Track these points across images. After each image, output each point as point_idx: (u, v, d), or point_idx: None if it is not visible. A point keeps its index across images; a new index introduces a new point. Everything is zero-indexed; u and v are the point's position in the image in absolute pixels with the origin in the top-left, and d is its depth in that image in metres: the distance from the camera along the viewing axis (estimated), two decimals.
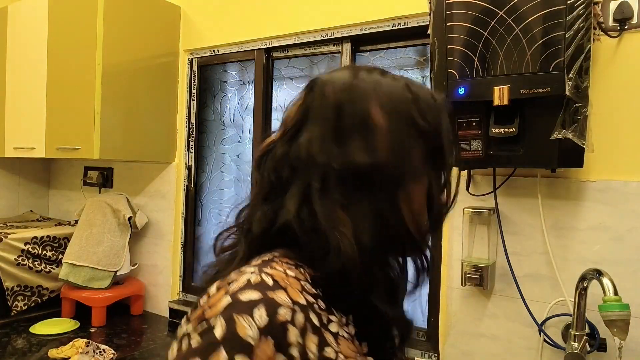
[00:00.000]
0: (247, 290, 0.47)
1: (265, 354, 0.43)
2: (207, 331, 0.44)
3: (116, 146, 1.98)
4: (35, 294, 2.08)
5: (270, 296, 0.47)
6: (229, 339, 0.44)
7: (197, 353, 0.44)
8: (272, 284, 0.48)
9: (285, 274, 0.51)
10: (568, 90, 1.08)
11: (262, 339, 0.44)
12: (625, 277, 1.19)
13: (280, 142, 0.59)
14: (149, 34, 2.08)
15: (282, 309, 0.46)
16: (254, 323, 0.44)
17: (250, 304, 0.45)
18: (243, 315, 0.44)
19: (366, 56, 1.75)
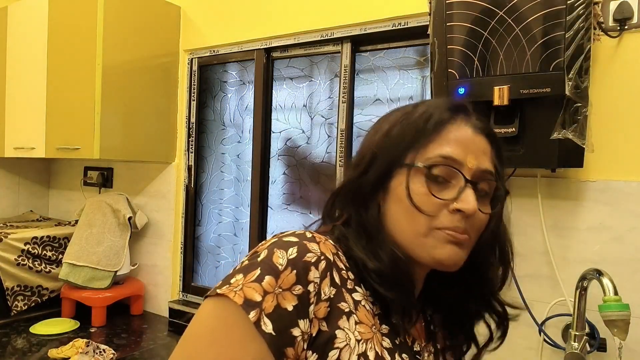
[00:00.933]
0: (290, 236, 0.60)
1: (287, 280, 0.55)
2: (253, 257, 0.58)
3: (116, 146, 1.98)
4: (35, 294, 2.08)
5: (304, 242, 0.59)
6: (265, 262, 0.56)
7: (242, 270, 0.57)
8: (310, 237, 0.60)
9: (324, 239, 0.62)
10: (568, 90, 1.08)
11: (287, 268, 0.55)
12: (625, 277, 1.19)
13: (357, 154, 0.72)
14: (149, 34, 2.08)
15: (310, 254, 0.58)
16: (286, 255, 0.56)
17: (288, 243, 0.58)
18: (280, 249, 0.57)
19: (366, 56, 1.75)
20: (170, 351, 0.56)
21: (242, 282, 0.55)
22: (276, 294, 0.54)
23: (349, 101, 1.75)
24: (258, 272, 0.55)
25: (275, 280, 0.54)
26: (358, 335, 0.57)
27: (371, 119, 1.73)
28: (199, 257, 2.23)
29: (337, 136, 1.76)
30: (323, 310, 0.56)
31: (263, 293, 0.53)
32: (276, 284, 0.54)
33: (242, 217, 2.10)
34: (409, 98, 1.66)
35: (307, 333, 0.55)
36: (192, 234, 2.22)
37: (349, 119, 1.75)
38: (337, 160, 1.77)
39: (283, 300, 0.54)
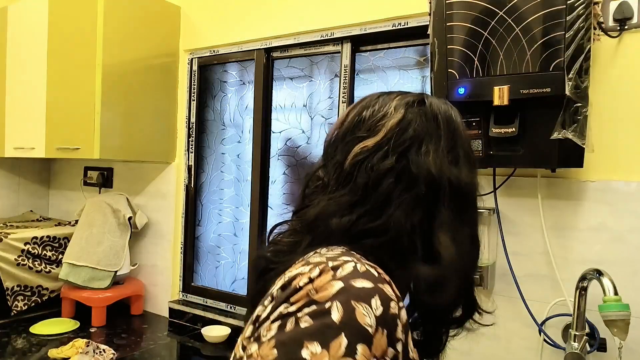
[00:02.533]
0: (358, 278, 0.47)
1: (380, 345, 0.44)
2: (321, 314, 0.43)
3: (116, 146, 1.98)
4: (35, 294, 2.08)
5: (381, 287, 0.47)
6: (348, 324, 0.43)
7: (313, 335, 0.42)
8: (378, 276, 0.49)
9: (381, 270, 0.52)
10: (568, 90, 1.08)
11: (378, 330, 0.44)
12: (625, 277, 1.19)
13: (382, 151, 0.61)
14: (149, 34, 2.08)
15: (393, 302, 0.47)
16: (372, 312, 0.44)
17: (365, 292, 0.45)
18: (361, 302, 0.44)
19: (366, 56, 1.75)
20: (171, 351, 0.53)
21: (328, 359, 0.42)
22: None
23: (349, 101, 1.75)
24: (344, 342, 0.42)
25: (369, 348, 0.43)
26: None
27: None
28: (199, 257, 2.23)
29: None
30: None
31: None
32: (370, 353, 0.43)
33: (242, 217, 2.10)
34: None
35: None
36: (192, 234, 2.22)
37: None
38: None
39: None
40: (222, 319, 1.98)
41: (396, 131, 0.62)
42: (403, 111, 0.64)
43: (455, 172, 0.61)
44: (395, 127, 0.63)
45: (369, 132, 0.64)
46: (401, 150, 0.61)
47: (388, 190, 0.60)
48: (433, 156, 0.61)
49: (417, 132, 0.62)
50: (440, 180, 0.60)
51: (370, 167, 0.60)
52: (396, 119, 0.63)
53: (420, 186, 0.60)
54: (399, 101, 0.66)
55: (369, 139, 0.63)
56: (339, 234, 0.59)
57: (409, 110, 0.64)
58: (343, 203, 0.61)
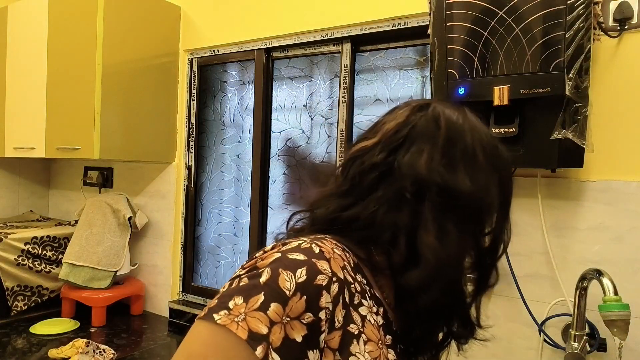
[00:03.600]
0: (296, 252, 0.54)
1: (296, 308, 0.49)
2: (254, 276, 0.51)
3: (116, 146, 1.98)
4: (35, 294, 2.08)
5: (314, 262, 0.53)
6: (269, 286, 0.50)
7: (242, 291, 0.50)
8: (318, 253, 0.54)
9: (332, 250, 0.57)
10: (568, 90, 1.08)
11: (296, 294, 0.50)
12: (625, 277, 1.19)
13: (375, 150, 0.64)
14: (149, 34, 2.08)
15: (321, 275, 0.52)
16: (294, 279, 0.50)
17: (295, 262, 0.52)
18: (287, 270, 0.51)
19: (366, 56, 1.75)
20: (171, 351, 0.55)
21: (244, 309, 0.48)
22: (284, 323, 0.48)
23: (349, 101, 1.75)
24: (262, 298, 0.49)
25: (283, 308, 0.49)
26: (368, 356, 0.55)
27: (371, 119, 1.73)
28: (199, 257, 2.23)
29: (337, 136, 1.76)
30: (337, 340, 0.52)
31: (270, 324, 0.48)
32: (284, 312, 0.49)
33: (242, 217, 2.10)
34: (409, 98, 1.66)
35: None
36: (192, 234, 2.22)
37: (349, 119, 1.75)
38: (337, 161, 1.77)
39: (291, 331, 0.49)
40: None
41: (392, 132, 0.65)
42: (406, 114, 0.66)
43: (446, 177, 0.60)
44: (393, 128, 0.65)
45: (372, 133, 0.67)
46: (391, 148, 0.63)
47: (371, 184, 0.62)
48: (425, 157, 0.61)
49: (412, 133, 0.63)
50: (428, 181, 0.60)
51: (360, 162, 0.64)
52: (397, 121, 0.65)
53: (404, 184, 0.60)
54: (408, 105, 0.68)
55: (370, 139, 0.66)
56: (322, 222, 0.64)
57: (412, 114, 0.66)
58: (332, 194, 0.66)
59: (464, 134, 0.64)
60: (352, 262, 0.60)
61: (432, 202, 0.60)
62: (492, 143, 0.66)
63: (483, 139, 0.65)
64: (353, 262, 0.60)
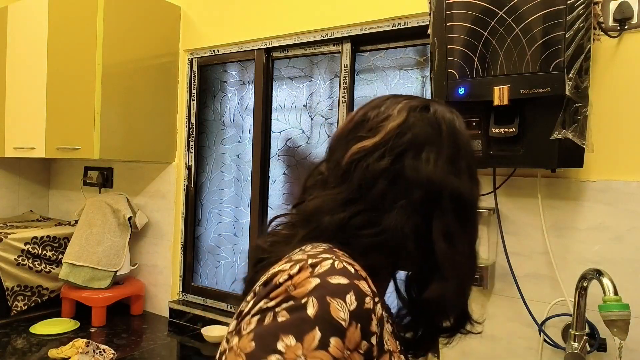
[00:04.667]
0: (335, 275, 0.49)
1: (354, 338, 0.46)
2: (297, 308, 0.46)
3: (116, 146, 1.98)
4: (35, 294, 2.08)
5: (357, 283, 0.49)
6: (322, 318, 0.45)
7: (289, 329, 0.45)
8: (354, 273, 0.51)
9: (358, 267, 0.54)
10: (568, 90, 1.08)
11: (352, 324, 0.46)
12: (625, 277, 1.20)
13: (379, 152, 0.62)
14: (149, 34, 2.07)
15: (367, 297, 0.49)
16: (346, 307, 0.46)
17: (341, 288, 0.48)
18: (335, 298, 0.46)
19: (366, 56, 1.75)
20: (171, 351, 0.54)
21: (302, 351, 0.44)
22: (345, 358, 0.46)
23: (349, 101, 1.74)
24: (319, 335, 0.45)
25: (342, 341, 0.45)
26: None
27: None
28: (199, 257, 2.23)
29: None
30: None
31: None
32: (343, 346, 0.45)
33: (242, 217, 2.10)
34: None
35: None
36: (192, 234, 2.22)
37: None
38: None
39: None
40: (222, 319, 1.98)
41: (395, 133, 0.63)
42: (405, 114, 0.64)
43: (456, 183, 0.61)
44: (395, 130, 0.63)
45: (370, 132, 0.64)
46: (397, 153, 0.62)
47: (382, 192, 0.60)
48: (434, 165, 0.61)
49: (416, 137, 0.62)
50: (441, 190, 0.60)
51: (365, 166, 0.61)
52: (397, 121, 0.64)
53: (416, 192, 0.60)
54: (404, 105, 0.66)
55: (368, 139, 0.64)
56: (331, 230, 0.60)
57: (412, 114, 0.64)
58: (338, 200, 0.62)
59: (464, 140, 0.66)
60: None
61: (444, 210, 0.60)
62: (471, 145, 0.68)
63: (470, 142, 0.67)
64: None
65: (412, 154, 0.62)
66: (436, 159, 0.61)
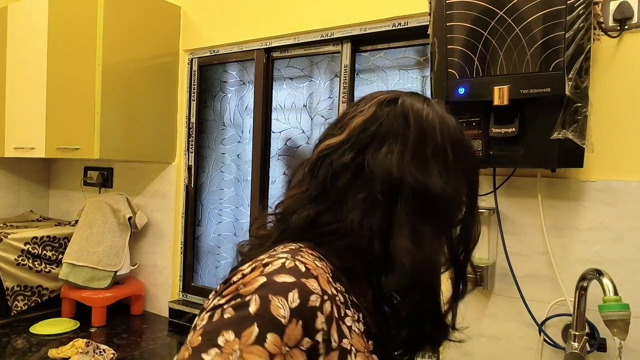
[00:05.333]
0: (282, 273, 0.50)
1: (294, 335, 0.47)
2: (241, 306, 0.47)
3: (116, 146, 1.98)
4: (35, 294, 2.08)
5: (304, 282, 0.50)
6: (262, 316, 0.46)
7: (230, 325, 0.46)
8: (305, 271, 0.51)
9: (315, 264, 0.54)
10: (568, 90, 1.08)
11: (292, 321, 0.47)
12: (625, 277, 1.20)
13: (343, 148, 0.61)
14: (149, 34, 2.08)
15: (314, 295, 0.50)
16: (287, 304, 0.47)
17: (284, 286, 0.49)
18: (277, 296, 0.48)
19: (366, 56, 1.75)
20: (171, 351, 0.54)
21: (238, 346, 0.45)
22: (283, 354, 0.46)
23: (349, 101, 1.74)
24: (257, 331, 0.46)
25: (281, 338, 0.46)
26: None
27: None
28: (199, 257, 2.23)
29: None
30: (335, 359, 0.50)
31: (269, 358, 0.45)
32: (282, 342, 0.46)
33: (242, 217, 2.10)
34: None
35: None
36: (192, 234, 2.22)
37: None
38: None
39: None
40: None
41: (361, 129, 0.62)
42: (373, 109, 0.63)
43: (418, 176, 0.58)
44: (361, 125, 0.62)
45: (339, 130, 0.64)
46: (359, 148, 0.60)
47: (344, 187, 0.60)
48: (396, 157, 0.59)
49: (380, 130, 0.61)
50: (401, 182, 0.58)
51: (329, 162, 0.61)
52: (364, 117, 0.62)
53: (375, 186, 0.58)
54: (374, 100, 0.64)
55: (336, 136, 0.63)
56: (298, 229, 0.60)
57: (379, 109, 0.63)
58: (304, 198, 0.62)
59: (434, 131, 0.61)
60: (331, 271, 0.58)
61: (405, 204, 0.58)
62: (459, 137, 0.64)
63: (452, 134, 0.63)
64: (331, 271, 0.58)
65: (374, 147, 0.60)
66: (401, 151, 0.59)
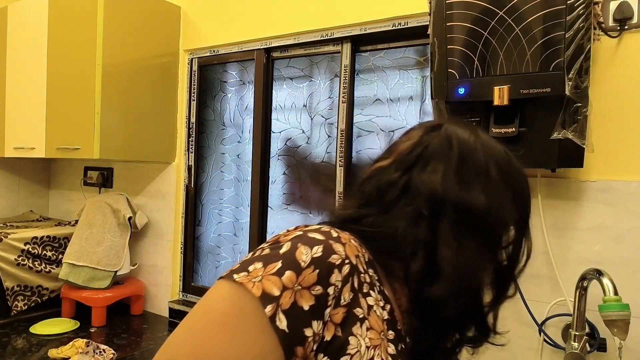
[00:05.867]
0: (315, 232, 0.59)
1: (307, 279, 0.54)
2: (275, 248, 0.57)
3: (116, 146, 1.98)
4: (35, 294, 2.08)
5: (331, 243, 0.58)
6: (287, 256, 0.55)
7: (262, 258, 0.56)
8: (335, 237, 0.59)
9: (349, 239, 0.61)
10: (568, 90, 1.08)
11: (310, 267, 0.55)
12: (625, 277, 1.20)
13: (390, 169, 0.68)
14: (149, 34, 2.08)
15: (336, 255, 0.57)
16: (310, 253, 0.55)
17: (313, 240, 0.57)
18: (305, 245, 0.56)
19: (366, 56, 1.75)
20: None
21: (262, 273, 0.54)
22: (295, 290, 0.53)
23: (349, 101, 1.75)
24: (279, 265, 0.54)
25: (296, 276, 0.54)
26: (368, 342, 0.58)
27: (371, 118, 1.73)
28: (199, 257, 2.23)
29: (337, 136, 1.76)
30: (340, 315, 0.56)
31: (282, 288, 0.53)
32: (296, 280, 0.54)
33: (242, 217, 2.10)
34: (409, 98, 1.66)
35: (319, 334, 0.55)
36: (192, 234, 2.22)
37: (349, 119, 1.75)
38: (337, 160, 1.77)
39: (300, 299, 0.53)
40: None
41: (407, 151, 0.68)
42: (420, 134, 0.70)
43: (460, 194, 0.63)
44: (408, 148, 0.68)
45: (388, 154, 0.71)
46: (406, 167, 0.67)
47: (390, 201, 0.66)
48: (439, 175, 0.64)
49: (426, 152, 0.67)
50: (444, 199, 0.63)
51: (378, 179, 0.68)
52: (411, 141, 0.69)
53: (420, 201, 0.64)
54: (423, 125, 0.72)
55: (386, 160, 0.70)
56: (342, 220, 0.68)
57: (425, 134, 0.69)
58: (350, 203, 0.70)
59: (476, 152, 0.67)
60: (367, 257, 0.64)
61: (448, 219, 0.63)
62: (506, 159, 0.69)
63: (496, 156, 0.68)
64: (367, 258, 0.64)
65: (420, 167, 0.66)
66: (444, 170, 0.65)
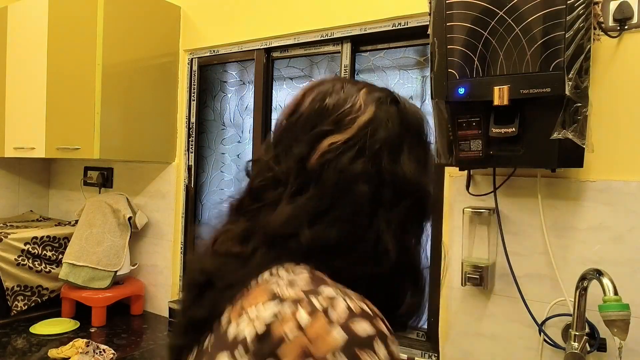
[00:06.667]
0: (356, 320, 0.44)
1: None
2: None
3: (116, 146, 1.98)
4: (35, 294, 2.08)
5: (379, 327, 0.45)
6: None
7: None
8: (372, 313, 0.46)
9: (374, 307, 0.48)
10: (568, 90, 1.08)
11: None
12: (625, 277, 1.19)
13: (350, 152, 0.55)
14: (149, 34, 2.07)
15: (389, 339, 0.45)
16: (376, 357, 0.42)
17: (369, 337, 0.43)
18: (365, 349, 0.42)
19: (366, 56, 1.75)
20: None
21: None
22: None
23: None
24: None
25: None
26: None
27: None
28: None
29: None
30: None
31: None
32: None
33: None
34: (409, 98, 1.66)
35: None
36: (192, 234, 2.22)
37: None
38: None
39: None
40: None
41: (367, 131, 0.56)
42: (374, 109, 0.58)
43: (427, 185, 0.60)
44: (367, 126, 0.57)
45: (336, 126, 0.57)
46: (373, 154, 0.56)
47: (361, 198, 0.54)
48: (410, 166, 0.57)
49: (389, 136, 0.57)
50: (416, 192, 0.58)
51: (339, 168, 0.54)
52: (367, 116, 0.57)
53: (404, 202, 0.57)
54: (367, 95, 0.60)
55: (337, 134, 0.56)
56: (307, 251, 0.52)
57: (380, 108, 0.59)
58: (309, 210, 0.53)
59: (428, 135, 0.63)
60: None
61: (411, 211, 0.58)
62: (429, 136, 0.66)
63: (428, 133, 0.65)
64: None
65: (387, 154, 0.56)
66: (410, 159, 0.57)
